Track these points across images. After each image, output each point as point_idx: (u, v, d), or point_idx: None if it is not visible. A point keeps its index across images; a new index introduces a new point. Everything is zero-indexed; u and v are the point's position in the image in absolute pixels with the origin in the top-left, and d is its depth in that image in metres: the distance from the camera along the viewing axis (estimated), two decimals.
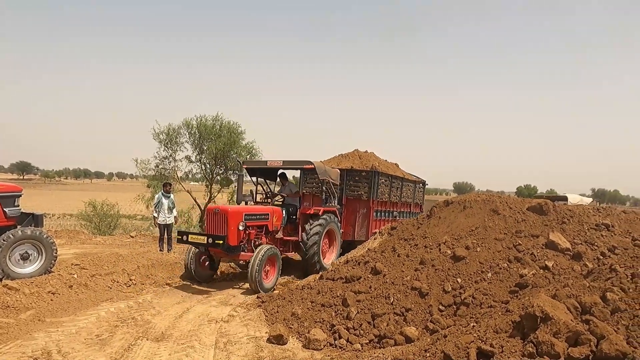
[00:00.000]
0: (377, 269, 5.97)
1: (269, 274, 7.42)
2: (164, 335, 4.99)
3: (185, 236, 7.32)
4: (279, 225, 8.54)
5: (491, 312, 4.29)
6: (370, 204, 10.56)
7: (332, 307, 5.50)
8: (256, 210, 8.00)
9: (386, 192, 11.27)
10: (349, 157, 11.98)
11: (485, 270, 5.36)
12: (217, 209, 7.49)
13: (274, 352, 4.57)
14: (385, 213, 11.42)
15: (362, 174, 10.71)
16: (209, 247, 7.26)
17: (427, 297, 5.18)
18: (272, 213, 8.32)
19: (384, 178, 11.13)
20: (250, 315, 5.84)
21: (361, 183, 10.64)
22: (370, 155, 12.19)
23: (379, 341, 4.73)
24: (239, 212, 7.51)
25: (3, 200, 6.62)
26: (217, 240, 7.00)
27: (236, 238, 7.34)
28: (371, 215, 10.60)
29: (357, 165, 11.22)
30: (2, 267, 6.25)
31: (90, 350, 4.43)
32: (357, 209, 10.68)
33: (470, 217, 6.60)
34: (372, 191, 10.53)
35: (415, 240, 6.64)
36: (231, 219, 7.27)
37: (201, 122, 20.15)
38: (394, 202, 11.91)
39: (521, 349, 3.07)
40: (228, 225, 7.23)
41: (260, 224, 8.02)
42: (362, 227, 10.66)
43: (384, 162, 12.52)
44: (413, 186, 13.27)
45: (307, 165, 8.63)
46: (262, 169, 9.57)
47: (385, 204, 11.34)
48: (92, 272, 7.25)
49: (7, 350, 4.28)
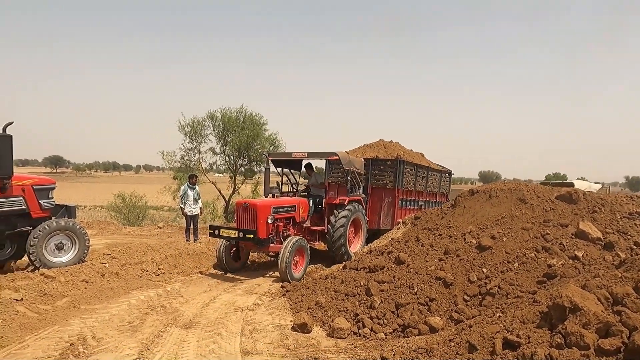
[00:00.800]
0: (400, 259, 5.95)
1: (298, 265, 7.58)
2: (192, 322, 5.13)
3: (217, 230, 7.58)
4: (305, 216, 8.67)
5: (518, 302, 4.22)
6: (396, 193, 10.56)
7: (356, 296, 5.52)
8: (283, 203, 8.16)
9: (411, 181, 11.22)
10: (374, 146, 11.91)
11: (512, 260, 5.27)
12: (246, 203, 7.63)
13: (299, 340, 4.64)
14: (411, 202, 11.38)
15: (387, 163, 10.69)
16: (240, 241, 7.50)
17: (451, 287, 5.14)
18: (299, 204, 8.48)
19: (409, 167, 11.07)
20: (274, 303, 5.93)
21: (386, 172, 10.62)
22: (395, 145, 12.13)
23: (403, 330, 4.73)
24: (268, 206, 7.66)
25: (38, 193, 6.90)
26: (247, 234, 7.25)
27: (265, 231, 7.50)
28: (396, 204, 10.61)
29: (382, 154, 11.17)
30: (38, 257, 6.54)
31: (122, 336, 4.61)
32: (383, 198, 10.70)
33: (496, 207, 6.48)
34: (397, 180, 10.53)
35: (439, 230, 6.58)
36: (260, 213, 7.45)
37: (225, 114, 20.38)
38: (420, 192, 11.84)
39: (549, 339, 3.02)
40: (257, 219, 7.40)
41: (288, 216, 8.17)
42: (387, 216, 10.69)
43: (409, 151, 12.43)
44: (439, 175, 13.12)
45: (332, 156, 8.69)
46: (287, 161, 9.68)
47: (410, 193, 11.31)
48: (123, 261, 7.50)
49: (46, 335, 4.50)
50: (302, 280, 7.09)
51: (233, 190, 21.52)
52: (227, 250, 7.99)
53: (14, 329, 4.49)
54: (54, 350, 4.12)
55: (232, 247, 8.08)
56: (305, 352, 4.32)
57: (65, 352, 4.11)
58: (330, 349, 4.42)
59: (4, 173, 6.22)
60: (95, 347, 4.30)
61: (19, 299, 5.23)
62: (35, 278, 5.97)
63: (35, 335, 4.45)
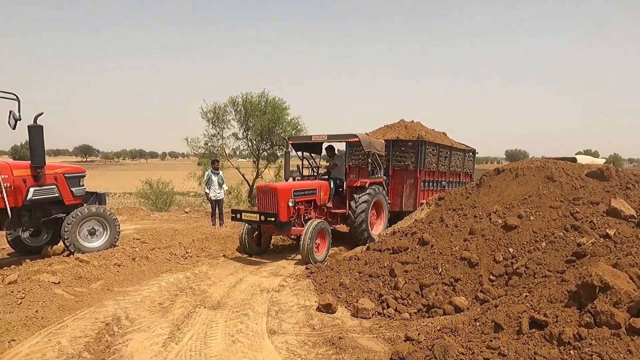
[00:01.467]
0: (424, 240, 5.91)
1: (320, 247, 7.63)
2: (219, 303, 5.28)
3: (239, 214, 7.64)
4: (326, 199, 8.66)
5: (545, 282, 4.14)
6: (418, 174, 10.43)
7: (380, 277, 5.54)
8: (304, 186, 8.17)
9: (434, 161, 11.01)
10: (395, 127, 11.74)
11: (540, 239, 5.15)
12: (267, 187, 7.66)
13: (324, 320, 4.71)
14: (434, 183, 11.22)
15: (409, 144, 10.53)
16: (262, 224, 7.59)
17: (476, 267, 5.08)
18: (320, 188, 8.48)
19: (431, 147, 10.87)
20: (299, 285, 6.02)
21: (408, 153, 10.48)
22: (417, 125, 11.89)
23: (428, 310, 4.73)
24: (288, 190, 7.69)
25: (70, 181, 7.15)
26: (268, 217, 7.28)
27: (286, 214, 7.55)
28: (419, 186, 10.49)
29: (403, 135, 11.00)
30: (73, 242, 6.82)
31: (154, 317, 4.79)
32: (404, 179, 10.58)
33: (523, 185, 6.32)
34: (419, 161, 10.38)
35: (464, 210, 6.48)
36: (281, 196, 7.48)
37: (247, 99, 20.47)
38: (443, 172, 11.62)
39: (577, 319, 2.96)
40: (278, 203, 7.44)
41: (309, 199, 8.20)
42: (409, 198, 10.60)
43: (431, 131, 12.21)
44: (462, 155, 12.89)
45: (352, 138, 8.65)
46: (308, 144, 9.67)
47: (433, 173, 11.12)
48: (152, 245, 7.73)
49: (83, 316, 4.71)
50: (326, 262, 7.15)
51: (256, 175, 21.75)
52: (249, 234, 8.10)
53: (53, 310, 4.72)
54: (91, 330, 4.32)
55: (254, 231, 8.18)
56: (330, 331, 4.39)
57: (101, 331, 4.30)
58: (355, 328, 4.48)
59: (37, 162, 6.46)
60: (129, 327, 4.49)
61: (56, 282, 5.47)
62: (70, 262, 6.23)
63: (72, 316, 4.67)
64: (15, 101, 5.86)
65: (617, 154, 70.38)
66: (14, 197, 6.21)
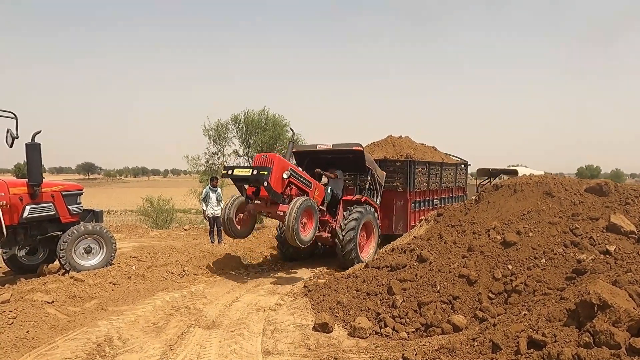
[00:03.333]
0: (423, 257, 5.83)
1: (306, 227, 7.24)
2: (214, 323, 5.19)
3: (231, 170, 7.35)
4: (319, 200, 8.29)
5: (545, 300, 4.06)
6: (407, 196, 10.08)
7: (378, 295, 5.45)
8: (302, 173, 7.98)
9: (424, 180, 10.68)
10: (382, 145, 11.29)
11: (539, 256, 5.08)
12: (265, 154, 7.49)
13: (320, 339, 4.62)
14: (425, 202, 10.89)
15: (397, 164, 10.13)
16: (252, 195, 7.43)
17: (475, 284, 5.00)
18: (316, 186, 8.25)
19: (421, 167, 10.54)
20: (296, 303, 5.93)
21: (396, 174, 10.10)
22: (405, 140, 11.52)
23: (426, 330, 4.64)
24: (285, 162, 7.52)
25: (67, 198, 7.12)
26: (261, 171, 6.96)
27: (280, 184, 7.25)
28: (409, 208, 10.13)
29: (391, 154, 10.61)
30: (68, 260, 6.74)
31: (147, 337, 4.70)
32: (394, 201, 10.20)
33: (522, 201, 6.27)
34: (409, 182, 10.04)
35: (462, 227, 6.42)
36: (277, 165, 7.21)
37: (248, 116, 20.59)
38: (434, 190, 11.33)
39: (576, 338, 2.89)
40: (273, 170, 7.11)
41: (303, 188, 7.89)
42: (399, 220, 10.20)
43: (420, 146, 11.90)
44: (454, 169, 12.57)
45: (357, 146, 8.49)
46: (313, 157, 9.42)
47: (423, 193, 10.82)
48: (149, 263, 7.65)
49: (75, 337, 4.63)
50: (325, 280, 7.03)
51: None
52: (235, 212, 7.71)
53: (45, 331, 4.65)
54: (82, 351, 4.24)
55: (238, 210, 7.81)
56: (326, 352, 4.30)
57: (92, 352, 4.22)
58: (351, 348, 4.38)
59: (35, 180, 6.45)
60: (120, 347, 4.41)
61: (49, 302, 5.40)
62: (65, 281, 6.15)
63: (64, 337, 4.60)
64: (13, 119, 5.89)
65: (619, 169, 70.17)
66: (10, 215, 6.19)
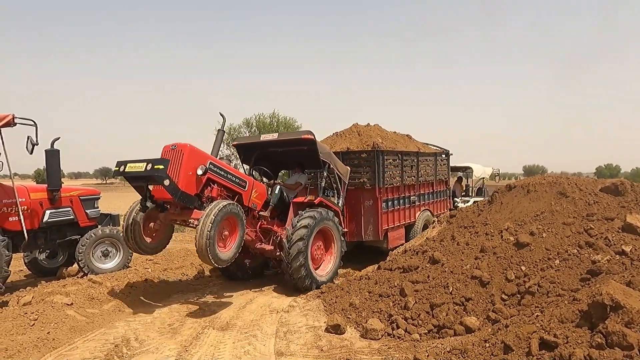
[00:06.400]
0: (435, 258, 5.82)
1: (227, 240, 5.57)
2: (228, 324, 5.26)
3: (123, 166, 5.50)
4: (259, 204, 6.63)
5: (558, 301, 4.03)
6: (377, 194, 8.30)
7: (390, 297, 5.46)
8: (232, 170, 6.27)
9: (396, 174, 8.88)
10: (346, 135, 9.43)
11: (553, 257, 5.03)
12: (175, 145, 5.61)
13: (332, 341, 4.65)
14: (400, 201, 9.11)
15: (362, 155, 8.38)
16: (154, 194, 5.76)
17: (488, 286, 4.97)
18: (253, 185, 6.53)
19: (392, 157, 8.74)
20: (309, 305, 5.97)
21: (362, 168, 8.36)
22: (373, 129, 9.64)
23: (438, 331, 4.63)
24: (202, 156, 5.78)
25: (85, 203, 7.32)
26: (156, 165, 5.19)
27: (191, 184, 5.52)
28: (379, 208, 8.36)
29: (355, 144, 8.80)
30: (87, 263, 6.94)
31: (163, 338, 4.80)
32: (361, 200, 8.42)
33: (535, 202, 6.21)
34: (378, 177, 8.25)
35: (475, 228, 6.38)
36: (188, 158, 5.48)
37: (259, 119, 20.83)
38: (410, 185, 9.46)
39: (589, 339, 2.87)
40: (182, 165, 5.41)
41: (232, 188, 6.15)
42: (369, 224, 8.44)
43: (392, 134, 10.07)
44: (433, 160, 10.56)
45: (306, 134, 6.88)
46: (261, 152, 7.81)
47: (397, 189, 8.99)
48: (164, 266, 7.81)
49: (93, 337, 4.76)
50: (339, 281, 7.02)
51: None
52: (142, 221, 5.93)
53: (65, 332, 4.78)
54: (100, 352, 4.36)
55: (149, 218, 6.05)
56: (338, 353, 4.33)
57: (110, 353, 4.33)
58: (363, 350, 4.41)
59: (54, 185, 6.64)
60: (137, 348, 4.52)
61: (69, 304, 5.55)
62: (84, 283, 6.33)
63: (83, 338, 4.73)
64: (33, 127, 6.08)
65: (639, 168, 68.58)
66: (30, 220, 6.38)
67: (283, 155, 7.93)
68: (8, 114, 5.68)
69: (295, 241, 6.41)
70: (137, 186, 5.95)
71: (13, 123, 5.77)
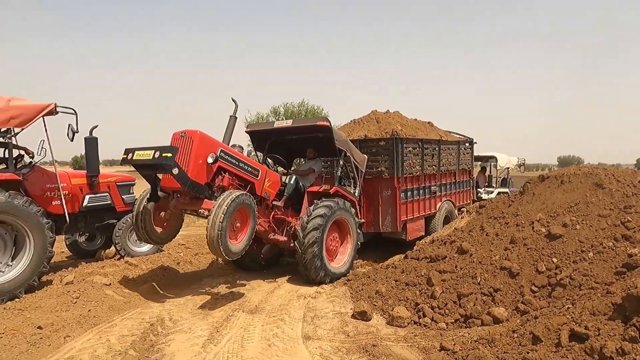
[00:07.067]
0: (463, 249, 5.78)
1: (238, 233, 5.35)
2: (257, 308, 5.42)
3: (131, 154, 5.36)
4: (272, 193, 6.42)
5: (591, 294, 3.95)
6: (395, 184, 8.03)
7: (417, 286, 5.47)
8: (244, 158, 6.06)
9: (416, 163, 8.61)
10: (363, 122, 9.20)
11: (586, 249, 4.91)
12: (184, 132, 5.42)
13: (358, 327, 4.72)
14: (419, 191, 8.83)
15: (380, 143, 8.13)
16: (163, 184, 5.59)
17: (517, 277, 4.91)
18: (266, 174, 6.28)
19: (412, 145, 8.47)
20: (336, 292, 6.06)
21: (380, 156, 8.13)
22: (393, 116, 9.33)
23: (465, 321, 4.62)
24: (213, 142, 5.57)
25: (121, 189, 7.62)
26: (165, 153, 5.00)
27: (201, 173, 5.31)
28: (398, 198, 8.08)
29: (373, 132, 8.56)
30: (123, 246, 7.26)
31: (195, 319, 5.00)
32: (379, 190, 8.17)
33: (569, 193, 6.04)
34: (396, 166, 7.97)
35: (505, 219, 6.27)
36: (198, 146, 5.28)
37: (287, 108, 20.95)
38: (431, 175, 9.18)
39: (621, 332, 2.82)
40: (191, 153, 5.22)
41: (244, 177, 5.93)
42: (387, 215, 8.20)
43: (412, 122, 9.72)
44: (456, 148, 10.22)
45: (322, 121, 6.71)
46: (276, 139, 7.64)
47: (417, 179, 8.71)
48: (196, 251, 8.06)
49: (130, 316, 5.00)
50: (365, 270, 7.07)
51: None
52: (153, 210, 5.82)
53: (104, 310, 5.05)
54: (137, 330, 4.58)
55: (160, 207, 5.92)
56: (364, 339, 4.40)
57: (146, 331, 4.55)
58: (389, 336, 4.46)
59: (92, 171, 6.94)
60: (171, 327, 4.72)
61: (107, 284, 5.83)
62: (120, 265, 6.62)
63: (121, 316, 4.98)
64: (73, 115, 6.35)
65: None
66: (71, 204, 6.69)
67: (297, 142, 7.71)
68: (50, 103, 5.95)
69: (310, 230, 6.24)
70: (145, 175, 5.74)
71: (55, 112, 6.03)
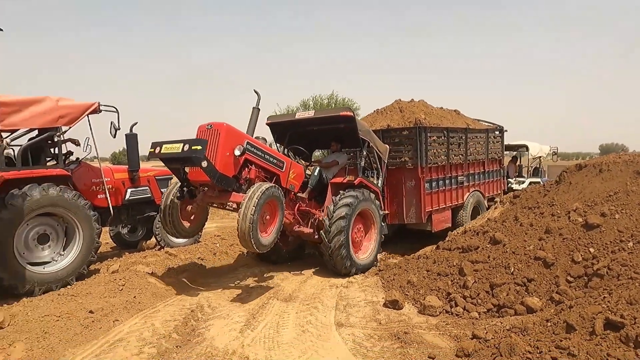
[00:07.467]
0: (496, 239, 5.73)
1: (268, 225, 5.33)
2: (291, 296, 5.59)
3: (159, 147, 5.29)
4: (297, 185, 6.39)
5: (629, 284, 3.87)
6: (419, 174, 7.84)
7: (448, 276, 5.49)
8: (267, 149, 5.97)
9: (442, 152, 8.39)
10: (387, 112, 8.99)
11: (626, 239, 4.77)
12: (210, 124, 5.38)
13: (390, 315, 4.81)
14: (445, 181, 8.57)
15: (404, 132, 7.97)
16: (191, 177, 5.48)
17: (552, 267, 4.84)
18: (290, 165, 6.24)
19: (436, 134, 8.25)
20: (367, 282, 6.15)
21: (403, 146, 7.96)
22: (417, 105, 9.10)
23: (498, 310, 4.62)
24: (239, 134, 5.52)
25: (160, 183, 7.95)
26: (194, 146, 4.95)
27: (229, 165, 5.27)
28: (422, 189, 7.88)
29: (396, 121, 8.39)
30: (163, 238, 7.63)
31: (232, 306, 5.23)
32: (403, 181, 8.00)
33: (608, 181, 5.86)
34: (420, 155, 7.77)
35: (540, 209, 6.16)
36: (225, 138, 5.24)
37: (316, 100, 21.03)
38: (457, 164, 8.91)
39: None
40: (219, 146, 5.17)
41: (270, 170, 5.90)
42: (411, 206, 8.01)
43: (437, 110, 9.46)
44: (484, 137, 9.83)
45: (345, 112, 6.60)
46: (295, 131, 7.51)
47: (443, 169, 8.47)
48: (231, 242, 8.33)
49: (172, 303, 5.28)
50: (396, 260, 7.11)
51: None
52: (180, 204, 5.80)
53: (148, 297, 5.34)
54: (179, 315, 4.84)
55: (187, 201, 5.84)
56: (396, 326, 4.48)
57: (187, 317, 4.81)
58: (421, 325, 4.52)
59: (134, 166, 7.29)
60: (210, 314, 4.97)
61: (150, 272, 6.16)
62: (161, 255, 6.97)
63: (164, 302, 5.26)
64: (115, 113, 6.68)
65: None
66: (115, 197, 7.07)
67: (318, 134, 7.61)
68: (94, 102, 6.30)
69: (337, 219, 6.22)
70: (173, 168, 5.74)
71: (99, 110, 6.38)
